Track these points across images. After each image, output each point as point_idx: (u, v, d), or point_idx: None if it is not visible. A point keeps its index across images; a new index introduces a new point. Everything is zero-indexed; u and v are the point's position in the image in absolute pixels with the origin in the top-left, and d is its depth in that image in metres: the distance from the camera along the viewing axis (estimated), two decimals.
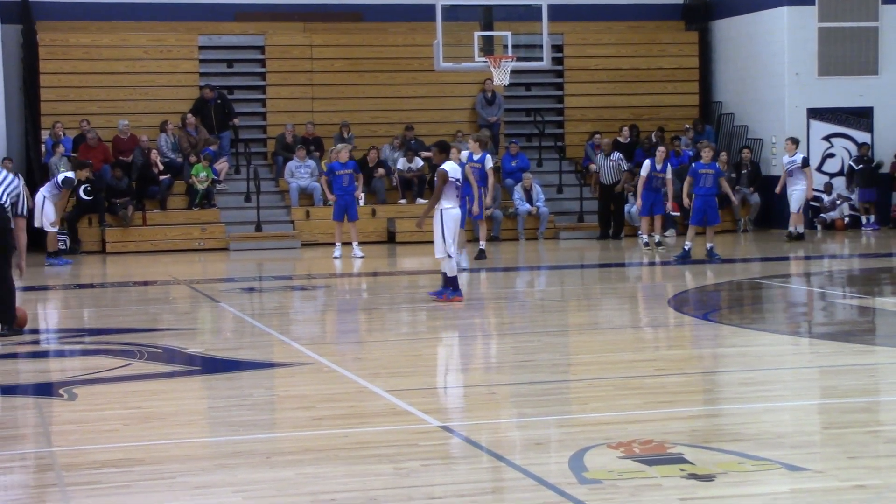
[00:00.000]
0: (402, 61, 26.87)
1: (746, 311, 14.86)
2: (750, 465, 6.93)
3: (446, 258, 14.53)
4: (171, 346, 11.96)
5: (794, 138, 23.57)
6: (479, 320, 14.24)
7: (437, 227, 14.49)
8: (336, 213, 21.15)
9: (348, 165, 21.15)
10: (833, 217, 25.71)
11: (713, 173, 19.42)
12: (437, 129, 26.59)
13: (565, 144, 27.58)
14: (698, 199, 19.45)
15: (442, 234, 14.45)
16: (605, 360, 10.97)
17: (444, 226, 14.46)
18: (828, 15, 25.76)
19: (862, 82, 25.93)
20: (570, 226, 25.44)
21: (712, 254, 19.39)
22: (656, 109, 27.70)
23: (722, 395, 9.54)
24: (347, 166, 21.13)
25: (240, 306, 15.40)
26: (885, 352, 11.30)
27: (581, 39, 27.79)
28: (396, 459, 7.28)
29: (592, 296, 16.79)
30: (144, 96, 25.96)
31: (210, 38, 26.62)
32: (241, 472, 7.12)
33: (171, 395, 9.61)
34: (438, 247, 14.55)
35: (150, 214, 24.18)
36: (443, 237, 14.45)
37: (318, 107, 26.73)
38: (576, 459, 7.09)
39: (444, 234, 14.45)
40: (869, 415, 8.53)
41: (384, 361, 11.27)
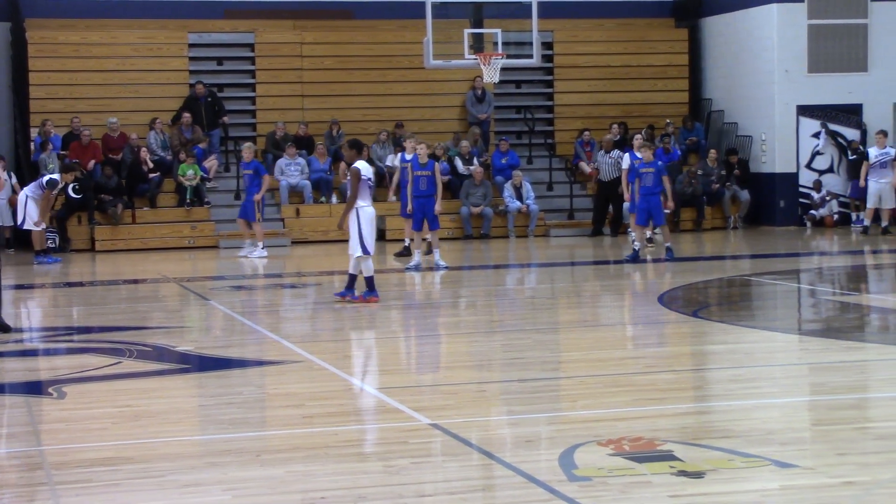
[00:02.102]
0: (392, 59, 26.86)
1: (736, 308, 14.88)
2: (740, 462, 6.93)
3: (364, 257, 14.44)
4: (161, 344, 11.94)
5: (884, 131, 23.88)
6: (470, 317, 14.24)
7: (354, 226, 14.36)
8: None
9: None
10: (822, 214, 25.75)
11: (654, 171, 19.34)
12: (427, 127, 26.58)
13: (555, 142, 27.58)
14: (642, 199, 19.33)
15: (359, 232, 14.36)
16: (594, 357, 10.98)
17: (360, 224, 14.35)
18: (817, 12, 25.79)
19: (851, 79, 25.97)
20: (561, 223, 25.45)
21: (669, 252, 19.32)
22: (646, 107, 27.72)
23: (711, 392, 9.56)
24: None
25: (230, 304, 15.39)
26: (874, 348, 11.32)
27: (571, 37, 27.79)
28: (386, 457, 7.28)
29: (582, 293, 16.80)
30: (134, 94, 25.91)
31: (200, 36, 26.58)
32: (230, 470, 7.12)
33: (161, 394, 9.60)
34: (354, 245, 14.42)
35: (140, 212, 24.14)
36: (359, 235, 14.37)
37: (308, 104, 26.71)
38: (566, 457, 7.09)
39: (362, 232, 14.35)
40: (858, 411, 8.54)
41: (374, 359, 11.27)
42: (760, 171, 26.26)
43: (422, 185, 18.56)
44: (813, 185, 25.93)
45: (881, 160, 23.51)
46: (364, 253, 14.37)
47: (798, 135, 25.93)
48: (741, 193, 25.90)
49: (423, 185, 18.56)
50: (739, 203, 25.93)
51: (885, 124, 25.15)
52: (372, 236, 14.45)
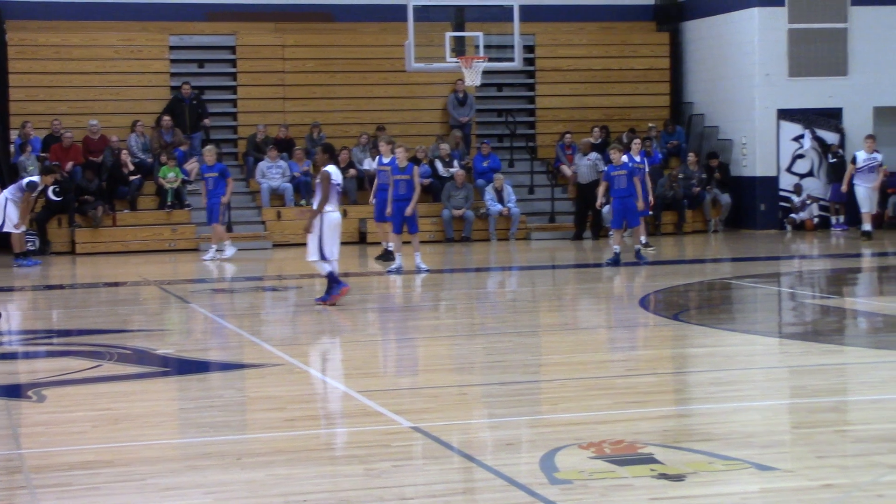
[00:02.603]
0: (373, 62, 26.85)
1: (716, 312, 14.91)
2: (720, 465, 6.95)
3: (318, 262, 14.40)
4: (142, 347, 11.91)
5: (872, 135, 23.95)
6: (451, 321, 14.25)
7: (315, 230, 14.38)
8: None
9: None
10: (803, 217, 25.84)
11: (626, 174, 19.37)
12: (409, 130, 26.59)
13: (537, 145, 27.62)
14: (615, 202, 19.36)
15: (319, 237, 14.33)
16: (575, 360, 10.99)
17: (322, 229, 14.33)
18: (798, 16, 25.89)
19: (832, 83, 26.07)
20: (542, 226, 25.47)
21: (639, 255, 19.35)
22: (627, 110, 27.77)
23: (692, 396, 9.58)
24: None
25: (210, 307, 15.36)
26: (854, 352, 11.36)
27: (552, 40, 27.83)
28: (368, 460, 7.27)
29: (564, 296, 16.81)
30: (115, 96, 25.84)
31: (181, 38, 26.53)
32: (211, 473, 7.10)
33: (141, 397, 9.57)
34: (312, 250, 14.40)
35: (121, 215, 24.07)
36: (319, 240, 14.33)
37: (289, 107, 26.68)
38: (546, 460, 7.10)
39: (322, 237, 14.31)
40: (837, 414, 8.57)
41: (355, 362, 11.26)
42: (741, 175, 26.33)
43: (401, 188, 18.53)
44: (793, 188, 26.01)
45: (869, 164, 23.53)
46: (321, 258, 14.36)
47: (778, 138, 26.01)
48: (722, 197, 25.97)
49: (402, 189, 18.53)
50: (720, 206, 26.00)
51: (865, 128, 25.24)
52: (333, 242, 14.41)
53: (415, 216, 18.72)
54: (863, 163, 23.62)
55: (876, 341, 12.21)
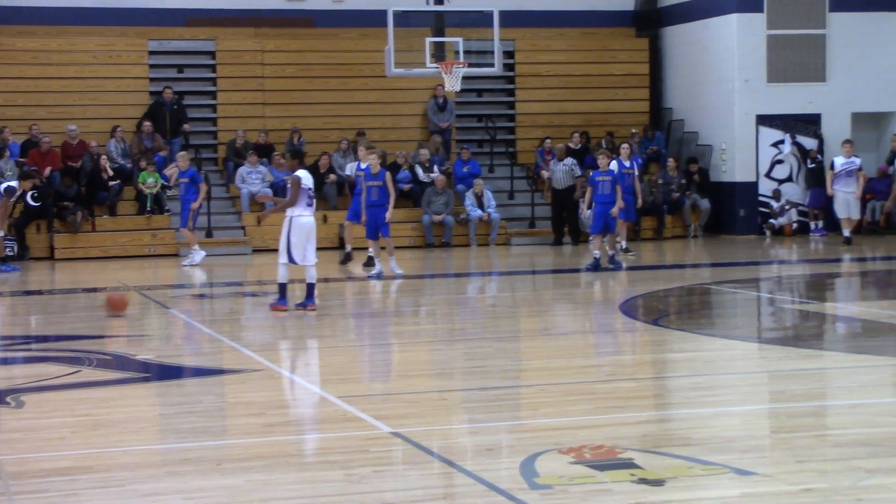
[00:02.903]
0: (353, 67, 26.84)
1: (696, 317, 14.95)
2: (699, 470, 6.96)
3: (284, 264, 14.41)
4: (121, 352, 11.88)
5: (850, 140, 23.96)
6: (431, 326, 14.24)
7: (284, 234, 14.40)
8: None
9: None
10: (782, 223, 25.92)
11: (610, 180, 19.43)
12: (389, 135, 26.59)
13: (517, 150, 27.65)
14: (598, 207, 19.40)
15: (287, 240, 14.33)
16: (556, 365, 10.99)
17: (289, 233, 14.34)
18: (776, 22, 25.99)
19: (810, 89, 26.18)
20: (522, 231, 25.49)
21: (614, 261, 19.39)
22: (607, 116, 27.82)
23: (672, 401, 9.59)
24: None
25: (190, 313, 15.32)
26: (833, 356, 11.40)
27: (532, 46, 27.87)
28: (347, 466, 7.26)
29: (544, 301, 16.82)
30: (93, 101, 25.78)
31: (160, 44, 26.47)
32: (190, 479, 7.08)
33: (121, 403, 9.54)
34: (282, 253, 14.43)
35: (100, 220, 24.00)
36: (287, 244, 14.33)
37: (269, 112, 26.66)
38: (527, 465, 7.10)
39: (290, 240, 14.32)
40: (817, 419, 8.60)
41: (335, 367, 11.24)
42: (720, 180, 26.41)
43: (373, 195, 18.46)
44: (772, 194, 26.10)
45: (846, 169, 23.53)
46: (289, 261, 14.36)
47: (757, 144, 26.10)
48: (701, 202, 26.04)
49: (374, 196, 18.46)
50: (699, 212, 26.06)
51: (844, 134, 25.34)
52: (303, 246, 14.38)
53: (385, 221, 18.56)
54: (840, 168, 23.63)
55: (855, 346, 12.25)
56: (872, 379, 10.04)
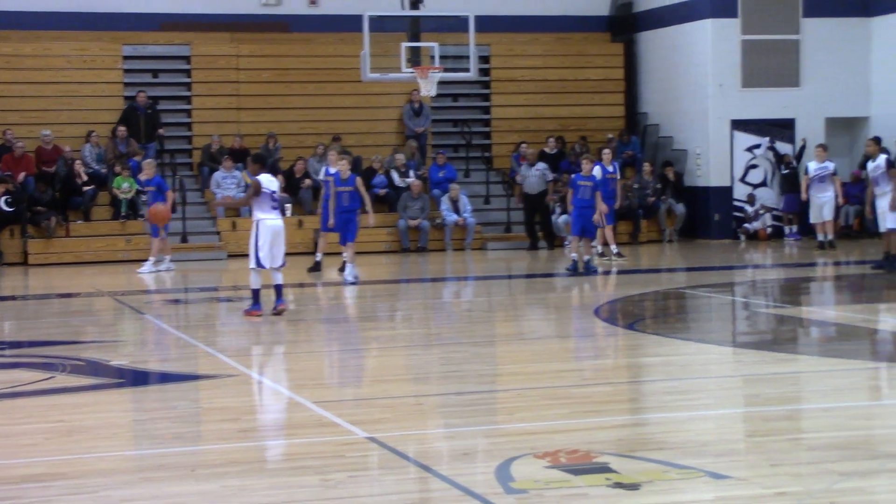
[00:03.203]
0: (329, 72, 26.82)
1: (671, 321, 14.98)
2: (674, 474, 6.98)
3: (254, 269, 14.39)
4: (95, 358, 11.82)
5: (824, 145, 23.95)
6: (407, 331, 14.24)
7: (252, 238, 14.39)
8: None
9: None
10: (756, 227, 26.02)
11: (591, 185, 19.51)
12: (365, 140, 26.58)
13: (492, 155, 27.67)
14: (576, 210, 19.48)
15: (255, 244, 14.32)
16: (531, 370, 11.00)
17: (256, 237, 14.32)
18: (751, 27, 26.09)
19: (784, 94, 26.28)
20: (498, 236, 25.51)
21: (589, 266, 19.44)
22: (583, 120, 27.86)
23: (647, 405, 9.61)
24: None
25: (165, 318, 15.27)
26: (807, 360, 11.44)
27: (508, 50, 27.90)
28: (323, 471, 7.25)
29: (519, 306, 16.84)
30: (68, 106, 25.67)
31: (135, 48, 26.40)
32: (165, 485, 7.06)
33: (95, 409, 9.50)
34: (251, 258, 14.41)
35: (74, 226, 23.90)
36: (255, 248, 14.31)
37: (244, 117, 26.60)
38: (502, 469, 7.10)
39: (257, 244, 14.29)
40: (791, 423, 8.63)
41: (310, 373, 11.22)
42: (695, 185, 26.49)
43: (344, 200, 18.38)
44: (747, 198, 26.19)
45: (819, 175, 23.57)
46: (257, 266, 14.34)
47: (732, 149, 26.19)
48: (676, 207, 26.11)
49: (345, 201, 18.38)
50: (675, 216, 26.13)
51: (818, 139, 25.44)
52: (269, 249, 14.33)
53: (355, 226, 18.52)
54: (813, 173, 23.70)
55: (829, 350, 12.30)
56: (846, 382, 10.08)
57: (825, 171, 23.57)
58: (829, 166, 23.63)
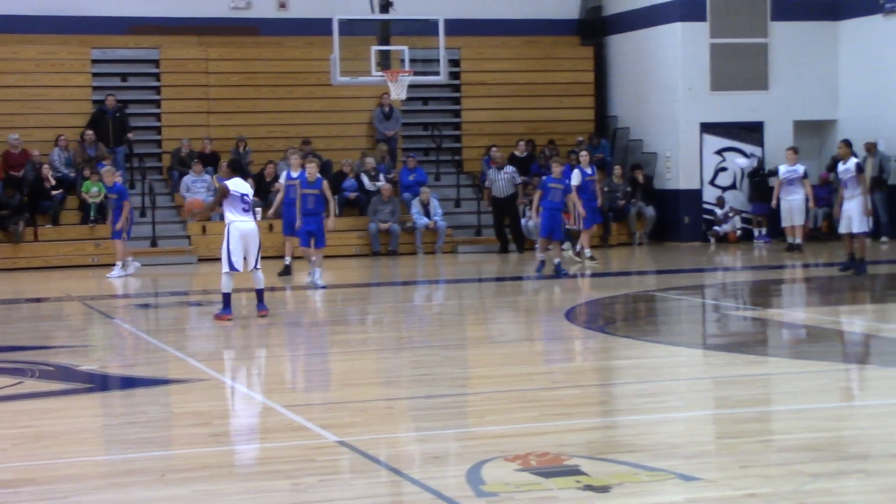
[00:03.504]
0: (298, 75, 26.79)
1: (641, 324, 15.02)
2: (644, 476, 6.99)
3: (226, 273, 14.42)
4: (64, 363, 11.76)
5: (794, 147, 24.00)
6: (378, 334, 14.22)
7: (224, 241, 14.41)
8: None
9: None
10: (726, 230, 26.12)
11: (562, 188, 19.58)
12: (335, 144, 26.56)
13: (463, 158, 27.69)
14: (545, 213, 19.57)
15: (227, 248, 14.33)
16: (502, 373, 11.01)
17: (228, 240, 14.33)
18: (719, 31, 26.20)
19: (753, 97, 26.41)
20: (468, 239, 25.52)
21: (559, 269, 19.48)
22: (552, 124, 27.92)
23: (617, 407, 9.63)
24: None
25: (135, 322, 15.21)
26: (776, 362, 11.49)
27: (477, 54, 27.93)
28: (294, 475, 7.23)
29: (490, 309, 16.85)
30: (36, 110, 25.54)
31: (103, 52, 26.29)
32: (134, 490, 7.02)
33: (64, 414, 9.45)
34: (223, 262, 14.42)
35: (42, 230, 23.77)
36: (227, 252, 14.33)
37: (214, 121, 26.53)
38: (473, 472, 7.10)
39: (229, 247, 14.32)
40: (761, 424, 8.66)
41: (281, 377, 11.20)
42: (665, 188, 26.58)
43: (309, 203, 18.35)
44: (716, 201, 26.29)
45: (788, 177, 23.60)
46: (230, 269, 14.32)
47: (702, 152, 26.29)
48: (646, 210, 26.19)
49: (310, 204, 18.34)
50: (645, 219, 26.21)
51: (786, 142, 25.56)
52: (241, 253, 14.35)
53: (322, 230, 18.49)
54: (783, 175, 23.77)
55: (798, 352, 12.37)
56: (815, 384, 10.13)
57: (795, 174, 23.60)
58: (799, 169, 23.65)
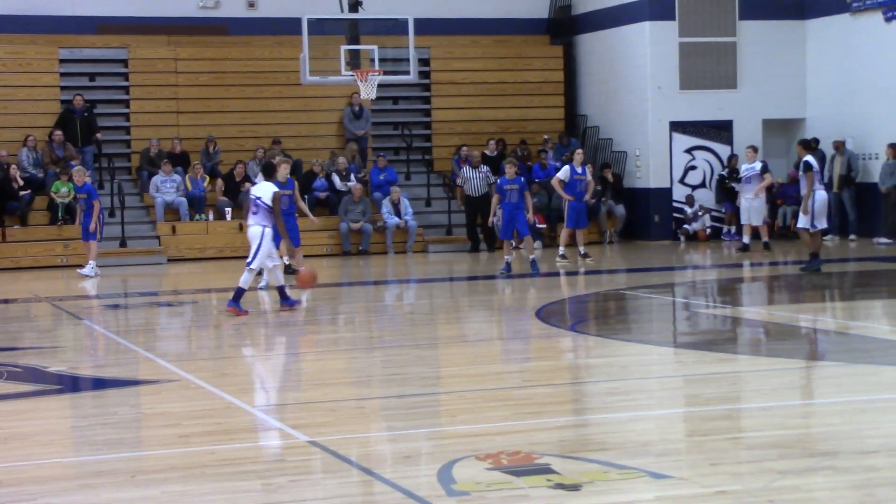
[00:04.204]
0: (268, 75, 26.74)
1: (612, 322, 15.06)
2: (615, 474, 7.02)
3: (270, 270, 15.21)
4: (33, 364, 11.70)
5: (754, 146, 23.99)
6: (349, 334, 14.21)
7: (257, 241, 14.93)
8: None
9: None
10: (696, 228, 26.22)
11: (518, 188, 19.69)
12: (305, 143, 26.52)
13: (433, 158, 27.70)
14: (505, 214, 19.69)
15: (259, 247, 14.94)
16: (473, 372, 11.02)
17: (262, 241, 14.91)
18: (688, 30, 26.30)
19: (722, 96, 26.53)
20: (439, 239, 25.53)
21: (534, 266, 19.56)
22: (523, 123, 27.97)
23: (588, 406, 9.66)
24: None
25: (104, 323, 15.15)
26: (746, 360, 11.55)
27: (447, 53, 27.94)
28: (265, 475, 7.22)
29: (461, 308, 16.86)
30: (3, 110, 25.41)
31: (71, 52, 26.17)
32: (104, 491, 7.00)
33: (32, 415, 9.40)
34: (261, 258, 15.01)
35: (10, 230, 23.65)
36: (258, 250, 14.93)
37: (183, 121, 26.45)
38: (444, 471, 7.11)
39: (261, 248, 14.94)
40: (730, 422, 8.70)
41: (252, 377, 11.18)
42: (635, 187, 26.66)
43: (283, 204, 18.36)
44: (686, 199, 26.39)
45: (747, 175, 23.56)
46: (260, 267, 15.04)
47: (671, 150, 26.39)
48: (616, 208, 26.26)
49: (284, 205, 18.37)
50: (615, 218, 26.28)
51: (755, 140, 25.68)
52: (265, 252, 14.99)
53: (296, 230, 18.52)
54: (742, 173, 23.77)
55: (767, 349, 12.42)
56: (783, 382, 10.19)
57: (752, 171, 23.47)
58: (757, 167, 23.45)
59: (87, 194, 21.09)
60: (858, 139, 25.48)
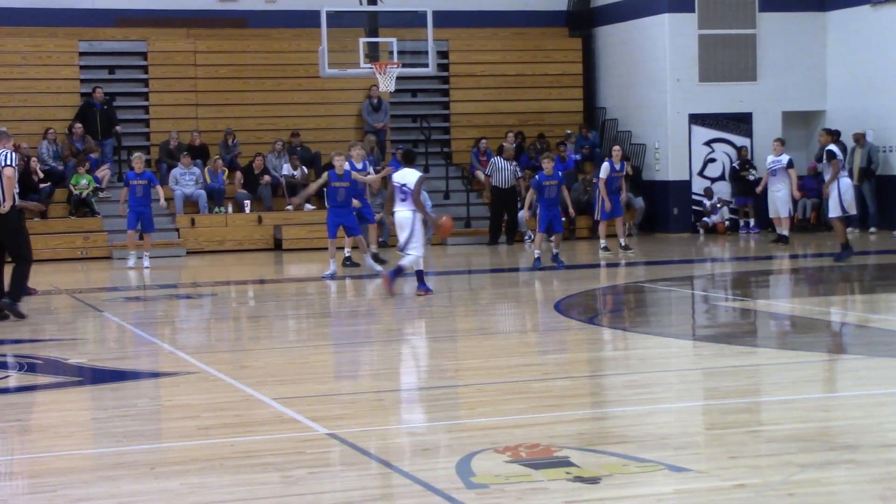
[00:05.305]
0: (287, 67, 26.75)
1: (631, 315, 15.03)
2: (634, 467, 7.00)
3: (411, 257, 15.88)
4: (53, 356, 11.74)
5: (781, 139, 23.90)
6: (367, 326, 14.22)
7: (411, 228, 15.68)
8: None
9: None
10: (714, 221, 26.15)
11: (556, 184, 19.68)
12: (324, 136, 26.53)
13: (452, 150, 27.68)
14: (543, 209, 19.66)
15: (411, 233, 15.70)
16: (492, 364, 11.01)
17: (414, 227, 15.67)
18: (707, 22, 26.22)
19: (741, 88, 26.44)
20: (458, 231, 25.48)
21: (557, 260, 19.54)
22: (541, 115, 27.93)
23: (607, 399, 9.64)
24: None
25: (124, 316, 15.18)
26: (765, 353, 11.50)
27: (466, 46, 27.91)
28: (284, 467, 7.23)
29: (480, 301, 16.85)
30: (23, 103, 25.48)
31: (91, 45, 26.23)
32: (124, 483, 7.01)
33: (52, 407, 9.43)
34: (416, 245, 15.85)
35: (30, 223, 23.67)
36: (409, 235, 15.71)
37: (202, 113, 26.49)
38: (463, 464, 7.10)
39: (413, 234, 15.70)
40: (749, 415, 8.67)
41: (271, 369, 11.19)
42: (654, 179, 26.60)
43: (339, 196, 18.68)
44: (704, 192, 26.32)
45: (772, 168, 23.47)
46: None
47: (690, 143, 26.32)
48: (636, 201, 26.20)
49: (340, 197, 18.70)
50: (634, 210, 26.22)
51: (775, 132, 25.59)
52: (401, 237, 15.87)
53: (354, 221, 19.23)
54: (768, 165, 23.67)
55: (787, 342, 12.38)
56: (804, 375, 10.15)
57: (778, 164, 23.42)
58: (783, 160, 23.41)
59: (147, 181, 21.07)
60: (879, 131, 25.37)
